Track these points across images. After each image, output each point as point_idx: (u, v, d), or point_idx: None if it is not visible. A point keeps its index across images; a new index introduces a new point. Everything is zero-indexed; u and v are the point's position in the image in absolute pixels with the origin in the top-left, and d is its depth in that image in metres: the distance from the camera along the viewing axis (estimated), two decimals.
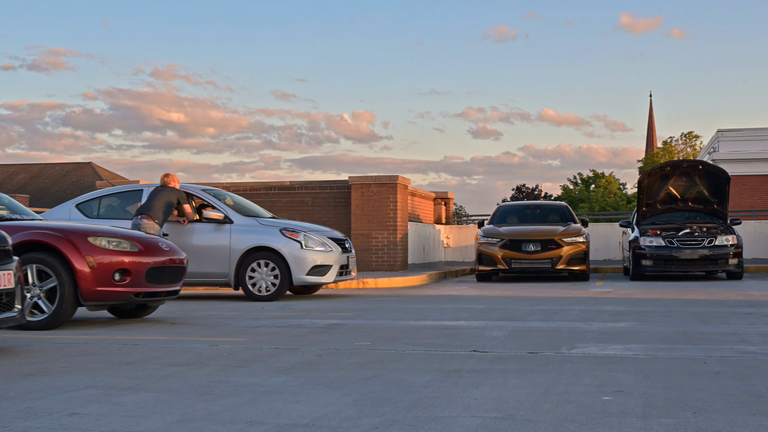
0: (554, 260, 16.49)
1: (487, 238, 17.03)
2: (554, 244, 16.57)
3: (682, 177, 17.19)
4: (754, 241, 22.18)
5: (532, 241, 16.61)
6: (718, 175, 16.94)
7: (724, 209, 17.36)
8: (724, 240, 16.40)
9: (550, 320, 8.93)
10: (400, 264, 18.50)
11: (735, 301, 11.41)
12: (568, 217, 18.35)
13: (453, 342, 6.99)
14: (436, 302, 11.82)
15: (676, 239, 16.44)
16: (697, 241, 16.36)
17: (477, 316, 9.46)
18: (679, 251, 16.29)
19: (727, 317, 9.07)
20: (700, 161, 16.88)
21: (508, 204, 19.69)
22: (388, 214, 18.41)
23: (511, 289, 14.49)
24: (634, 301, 11.54)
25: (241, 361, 6.01)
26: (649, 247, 16.52)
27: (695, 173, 17.02)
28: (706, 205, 17.48)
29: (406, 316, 9.69)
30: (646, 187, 17.27)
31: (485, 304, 11.37)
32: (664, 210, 17.72)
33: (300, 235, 12.62)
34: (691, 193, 17.35)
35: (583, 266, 16.75)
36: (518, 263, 16.62)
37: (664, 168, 17.03)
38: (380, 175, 18.57)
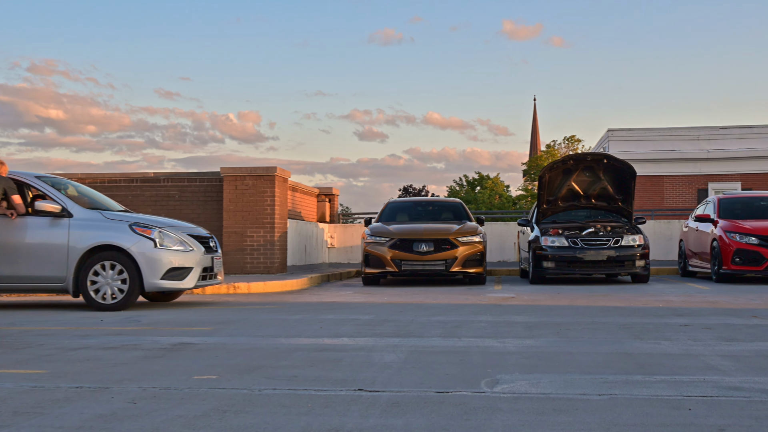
0: (449, 262, 14.88)
1: (374, 237, 15.28)
2: (448, 244, 14.96)
3: (585, 172, 15.86)
4: (652, 241, 21.17)
5: (424, 241, 14.96)
6: (624, 170, 15.67)
7: (629, 207, 16.10)
8: (630, 240, 15.12)
9: (453, 336, 7.22)
10: (278, 266, 16.57)
11: (657, 308, 9.99)
12: (463, 215, 16.80)
13: (331, 373, 5.16)
14: (316, 311, 9.99)
15: (580, 239, 15.07)
16: (603, 241, 15.03)
17: (364, 331, 7.67)
18: (583, 252, 14.92)
19: (663, 330, 7.55)
20: (605, 154, 15.57)
21: (398, 200, 18.00)
22: (264, 210, 16.45)
23: (403, 295, 12.80)
24: (544, 310, 9.98)
25: (9, 414, 4.03)
26: (550, 247, 15.10)
27: (599, 167, 15.70)
28: (610, 203, 16.20)
29: (277, 330, 7.82)
30: (547, 182, 15.85)
31: (373, 313, 9.61)
32: (566, 207, 16.35)
33: (154, 231, 10.57)
34: (594, 189, 16.03)
35: (480, 268, 15.20)
36: (409, 265, 14.93)
37: (567, 162, 15.65)
38: (256, 167, 16.59)
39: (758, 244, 14.55)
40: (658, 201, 33.93)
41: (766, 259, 14.42)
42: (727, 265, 14.78)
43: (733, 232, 14.91)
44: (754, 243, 14.59)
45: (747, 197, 16.65)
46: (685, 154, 34.31)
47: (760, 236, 14.60)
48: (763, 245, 14.50)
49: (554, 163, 15.68)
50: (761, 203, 16.30)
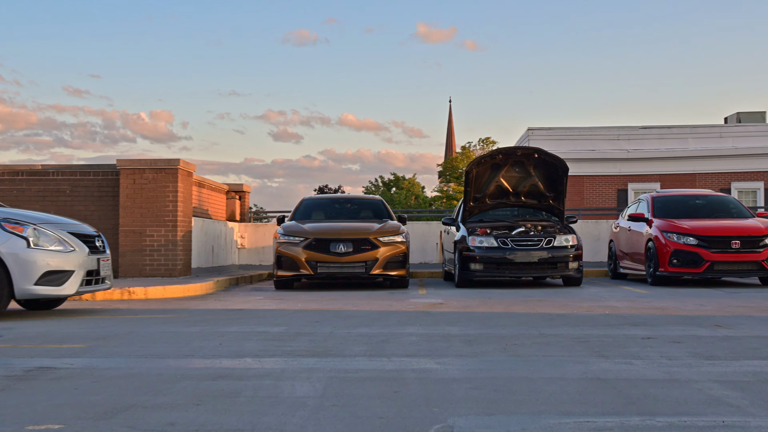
0: (369, 264, 13.61)
1: (288, 237, 13.92)
2: (369, 245, 13.70)
3: (515, 167, 14.79)
4: None
5: (342, 241, 13.66)
6: (555, 166, 14.66)
7: (560, 205, 15.11)
8: (563, 240, 14.10)
9: (381, 354, 5.95)
10: (182, 268, 15.06)
11: (606, 317, 8.91)
12: (384, 214, 15.57)
13: (224, 418, 3.83)
14: (219, 321, 8.60)
15: (510, 239, 13.99)
16: (534, 241, 13.98)
17: (273, 348, 6.34)
18: (513, 253, 13.83)
19: (626, 345, 6.43)
20: (535, 149, 14.52)
21: (313, 197, 16.63)
22: (166, 207, 14.90)
23: (319, 300, 11.48)
24: (480, 319, 8.80)
25: None
26: (479, 248, 13.98)
27: (530, 162, 14.65)
28: (540, 200, 15.18)
29: (167, 348, 6.43)
30: (474, 178, 14.73)
31: (285, 324, 8.27)
32: (494, 205, 15.27)
33: (27, 228, 9.02)
34: (524, 185, 14.98)
35: (403, 271, 13.98)
36: (326, 267, 13.61)
37: (496, 156, 14.55)
38: (157, 159, 15.01)
39: (697, 245, 13.69)
40: (578, 201, 33.35)
41: (705, 261, 13.57)
42: (664, 267, 13.89)
43: (670, 231, 14.03)
44: (693, 243, 13.72)
45: (682, 195, 15.84)
46: (605, 154, 33.84)
47: (698, 236, 13.74)
48: (702, 246, 13.65)
49: (482, 158, 14.57)
50: (697, 202, 15.51)
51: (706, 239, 13.68)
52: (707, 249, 13.61)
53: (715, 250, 13.58)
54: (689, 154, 33.69)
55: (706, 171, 33.59)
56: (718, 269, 13.59)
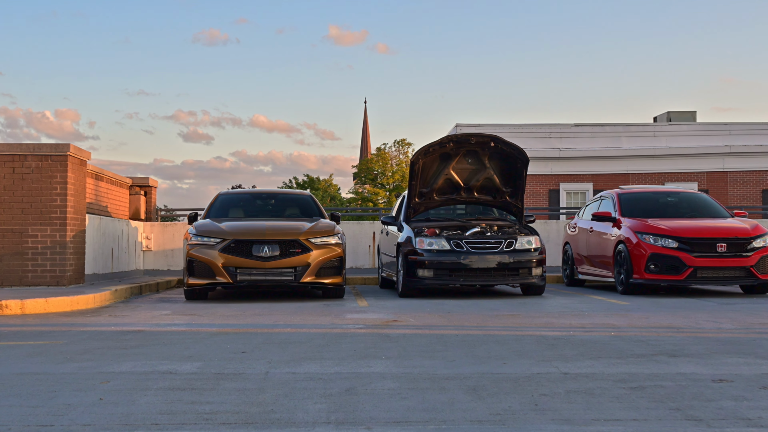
0: (299, 270, 11.41)
1: (201, 237, 11.61)
2: (299, 247, 11.51)
3: (467, 157, 12.78)
4: None
5: (267, 243, 11.42)
6: (514, 157, 12.70)
7: (518, 202, 13.16)
8: (525, 243, 12.15)
9: (353, 421, 3.81)
10: (72, 275, 12.57)
11: (615, 339, 6.93)
12: (315, 211, 13.38)
13: None
14: (108, 352, 6.31)
15: (465, 241, 11.97)
16: (492, 244, 11.98)
17: (181, 408, 4.13)
18: (469, 258, 11.81)
19: (705, 395, 4.45)
20: (492, 136, 12.54)
21: (231, 192, 14.30)
22: (53, 202, 12.39)
23: (241, 316, 9.25)
24: (458, 344, 6.71)
25: None
26: (428, 251, 11.91)
27: (485, 152, 12.66)
28: (496, 196, 13.19)
29: (10, 413, 4.14)
30: (420, 170, 12.65)
31: (200, 356, 6.03)
32: (442, 201, 13.21)
33: None
34: (477, 179, 12.97)
35: (339, 278, 11.82)
36: (247, 274, 11.35)
37: (446, 144, 12.50)
38: (42, 143, 12.51)
39: (677, 248, 11.90)
40: None
41: (687, 267, 11.78)
42: (639, 273, 12.06)
43: (646, 233, 12.21)
44: (673, 247, 11.93)
45: (652, 192, 14.07)
46: (536, 153, 32.23)
47: (679, 238, 11.96)
48: (684, 249, 11.86)
49: (430, 146, 12.50)
50: (668, 199, 13.76)
51: (688, 242, 11.90)
52: (689, 253, 11.83)
53: (698, 254, 11.81)
54: (623, 153, 32.39)
55: (640, 171, 32.33)
56: (702, 276, 11.82)
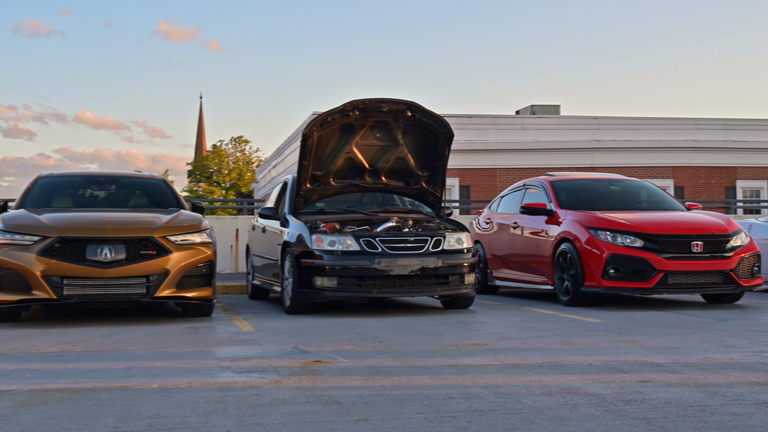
0: (153, 280, 8.17)
1: (12, 234, 8.17)
2: (153, 248, 8.27)
3: (375, 131, 9.84)
4: None
5: (108, 243, 8.11)
6: (435, 131, 9.87)
7: (437, 189, 10.34)
8: (455, 241, 9.35)
9: None
10: None
11: (707, 396, 4.19)
12: (172, 200, 10.08)
13: None
14: None
15: (380, 240, 9.04)
16: (415, 243, 9.13)
17: None
18: (386, 261, 8.89)
19: None
20: (409, 102, 9.65)
21: (56, 174, 10.68)
22: None
23: (70, 352, 5.99)
24: (462, 413, 3.79)
25: None
26: (329, 253, 8.91)
27: (399, 124, 9.76)
28: (409, 182, 10.30)
29: None
30: (314, 146, 9.60)
31: None
32: (341, 188, 10.19)
33: None
34: (387, 159, 10.04)
35: (208, 290, 8.63)
36: (79, 286, 7.98)
37: (349, 112, 9.49)
38: None
39: (643, 248, 9.42)
40: None
41: (656, 271, 9.29)
42: (594, 279, 9.50)
43: (602, 228, 9.67)
44: (638, 246, 9.44)
45: (589, 180, 11.57)
46: None
47: (644, 235, 9.48)
48: (651, 249, 9.39)
49: (329, 114, 9.46)
50: (612, 188, 11.30)
51: (656, 240, 9.43)
52: (659, 254, 9.36)
53: (669, 256, 9.36)
54: (491, 147, 30.36)
55: (509, 166, 30.40)
56: (674, 283, 9.37)
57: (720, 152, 31.40)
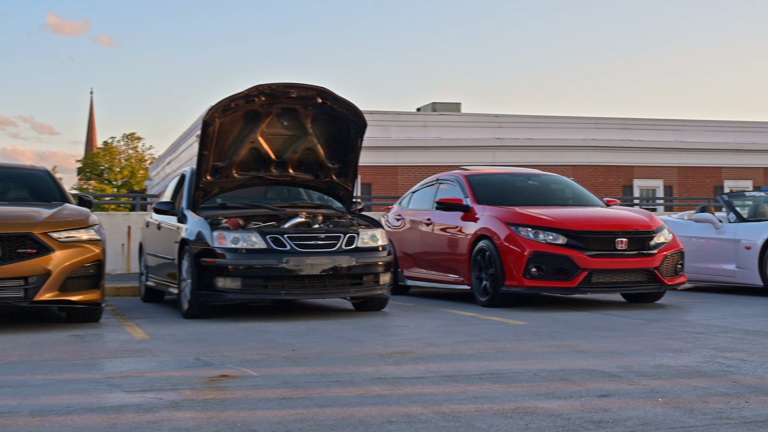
0: (33, 282, 7.24)
1: None
2: (33, 246, 7.33)
3: (283, 119, 9.06)
4: None
5: None
6: (347, 120, 9.17)
7: (348, 182, 9.64)
8: (369, 238, 8.69)
9: None
10: None
11: (672, 412, 3.63)
12: (56, 194, 9.07)
13: None
14: None
15: (288, 237, 8.29)
16: (326, 240, 8.41)
17: None
18: (295, 260, 8.15)
19: None
20: (319, 88, 8.91)
21: None
22: None
23: None
24: None
25: None
26: (233, 251, 8.12)
27: (308, 112, 9.02)
28: (319, 174, 9.55)
29: None
30: (215, 134, 8.77)
31: None
32: (244, 181, 9.36)
33: None
34: (295, 150, 9.27)
35: (96, 293, 7.72)
36: None
37: (254, 98, 8.69)
38: None
39: (567, 245, 8.94)
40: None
41: (580, 270, 8.83)
42: (515, 278, 8.97)
43: (523, 224, 9.15)
44: (561, 243, 8.95)
45: (505, 174, 11.08)
46: None
47: (567, 232, 9.01)
48: (575, 246, 8.92)
49: (232, 99, 8.62)
50: (530, 183, 10.81)
51: (580, 236, 8.97)
52: (583, 251, 8.90)
53: (593, 253, 8.91)
54: (393, 144, 29.86)
55: (411, 163, 29.96)
56: (599, 282, 8.92)
57: (618, 151, 31.70)
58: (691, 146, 32.15)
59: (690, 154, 32.28)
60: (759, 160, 32.90)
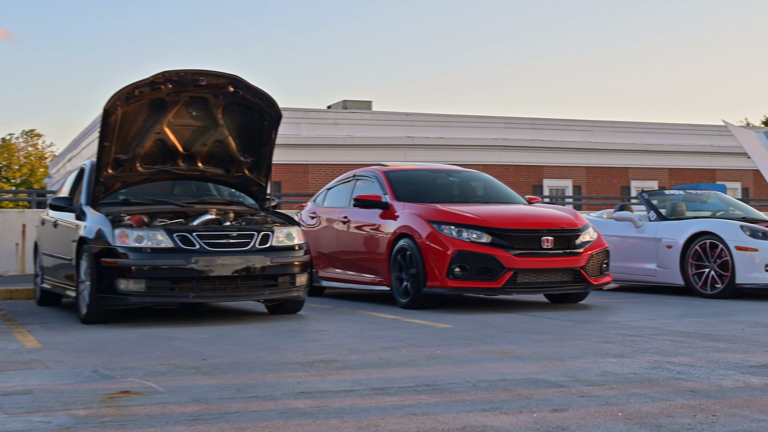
0: None
1: None
2: None
3: (192, 109, 8.42)
4: None
5: None
6: (260, 110, 8.59)
7: (262, 178, 9.07)
8: (284, 237, 8.15)
9: None
10: None
11: None
12: None
13: None
14: None
15: (197, 235, 7.69)
16: (238, 239, 7.84)
17: None
18: (205, 260, 7.56)
19: None
20: (231, 76, 8.31)
21: None
22: None
23: None
24: None
25: None
26: (136, 251, 7.48)
27: (219, 101, 8.41)
28: (230, 169, 8.94)
29: None
30: (117, 124, 8.08)
31: None
32: (149, 175, 8.69)
33: None
34: (205, 142, 8.65)
35: None
36: None
37: (159, 85, 8.01)
38: None
39: (491, 244, 8.58)
40: None
41: (505, 269, 8.47)
42: (438, 279, 8.57)
43: (445, 222, 8.75)
44: (485, 242, 8.58)
45: (425, 171, 10.65)
46: None
47: (492, 230, 8.64)
48: (500, 245, 8.56)
49: (136, 86, 7.93)
50: (450, 179, 10.44)
51: (505, 235, 8.61)
52: (508, 250, 8.54)
53: (519, 252, 8.56)
54: (303, 142, 29.28)
55: (322, 161, 29.46)
56: (524, 282, 8.58)
57: (528, 151, 31.83)
58: (599, 147, 32.52)
59: (598, 155, 32.65)
60: (664, 161, 33.50)
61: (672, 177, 33.40)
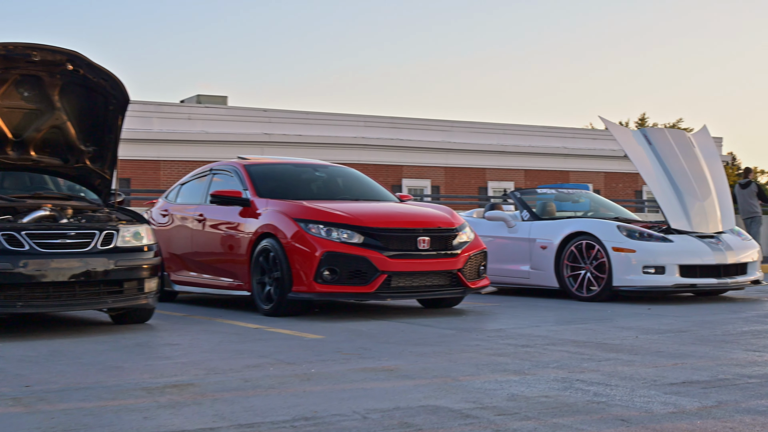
0: None
1: None
2: None
3: (23, 88, 7.30)
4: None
5: None
6: (104, 93, 7.54)
7: (106, 169, 8.02)
8: (131, 236, 7.15)
9: None
10: None
11: None
12: None
13: None
14: None
15: (27, 234, 6.61)
16: (76, 239, 6.80)
17: None
18: (36, 263, 6.49)
19: None
20: (70, 52, 7.25)
21: None
22: None
23: None
24: None
25: None
26: None
27: (56, 81, 7.32)
28: (69, 159, 7.84)
29: None
30: None
31: None
32: None
33: None
34: (39, 128, 7.52)
35: None
36: None
37: None
38: None
39: (363, 244, 7.85)
40: None
41: (379, 272, 7.76)
42: (305, 283, 7.77)
43: (313, 221, 7.97)
44: (356, 242, 7.85)
45: (289, 165, 9.81)
46: None
47: (364, 229, 7.92)
48: (373, 246, 7.84)
49: None
50: (317, 174, 9.64)
51: (378, 235, 7.90)
52: (381, 251, 7.83)
53: (393, 254, 7.87)
54: (154, 137, 27.87)
55: (173, 158, 28.14)
56: (399, 286, 7.90)
57: (387, 150, 31.44)
58: (458, 147, 32.49)
59: (456, 155, 32.62)
60: (520, 162, 33.83)
61: (528, 178, 33.76)
